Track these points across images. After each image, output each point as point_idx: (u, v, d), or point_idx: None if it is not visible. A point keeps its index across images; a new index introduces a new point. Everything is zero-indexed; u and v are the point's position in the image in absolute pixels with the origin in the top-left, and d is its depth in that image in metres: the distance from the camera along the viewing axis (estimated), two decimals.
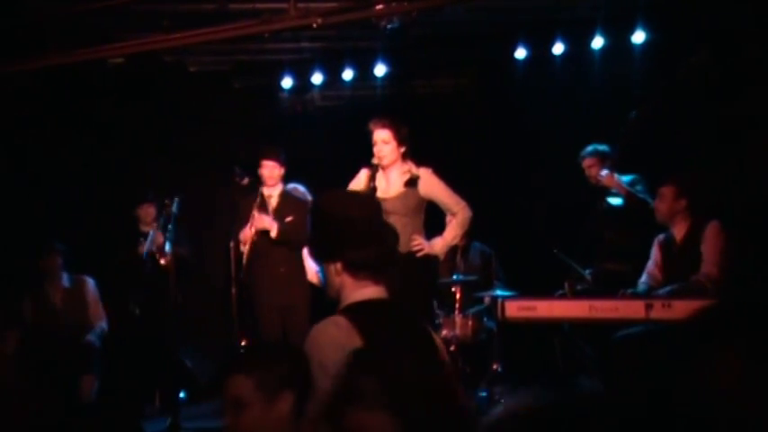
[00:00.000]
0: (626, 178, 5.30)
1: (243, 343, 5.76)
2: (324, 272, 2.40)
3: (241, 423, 2.06)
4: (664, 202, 4.71)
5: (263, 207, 5.44)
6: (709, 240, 4.55)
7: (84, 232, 6.15)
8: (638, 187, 5.23)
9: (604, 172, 5.25)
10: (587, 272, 5.40)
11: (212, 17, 5.09)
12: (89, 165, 6.46)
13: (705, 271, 4.48)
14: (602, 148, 5.41)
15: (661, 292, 4.53)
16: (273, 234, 5.30)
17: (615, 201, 5.35)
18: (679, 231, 4.70)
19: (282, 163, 5.47)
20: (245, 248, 5.38)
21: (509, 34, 6.15)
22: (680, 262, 4.65)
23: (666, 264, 4.74)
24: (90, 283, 5.96)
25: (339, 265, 2.32)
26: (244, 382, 2.07)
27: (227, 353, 5.95)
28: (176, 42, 5.10)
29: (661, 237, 4.83)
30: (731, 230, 4.61)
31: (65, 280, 5.89)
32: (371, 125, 4.64)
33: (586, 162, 5.44)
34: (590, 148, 5.45)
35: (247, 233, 5.36)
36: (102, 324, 5.87)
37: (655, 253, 4.82)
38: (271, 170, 5.44)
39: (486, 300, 5.68)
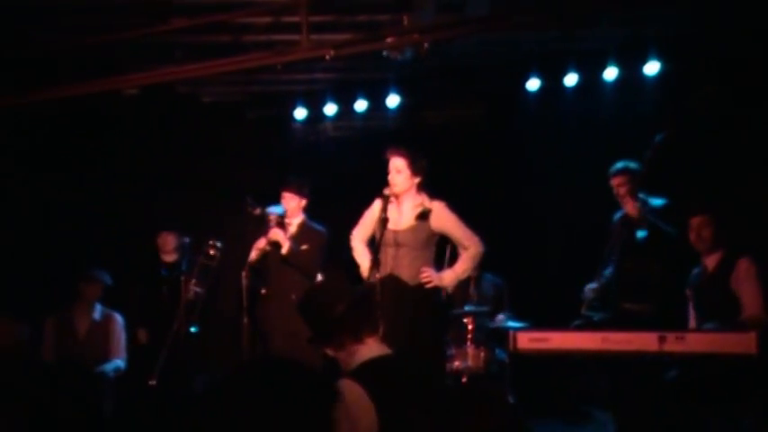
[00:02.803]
0: (657, 202, 5.09)
1: None
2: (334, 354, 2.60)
3: None
4: (693, 231, 4.65)
5: (282, 227, 5.46)
6: (744, 281, 4.43)
7: (102, 261, 6.16)
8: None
9: (631, 198, 5.00)
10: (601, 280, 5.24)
11: (226, 48, 5.14)
12: (102, 195, 6.50)
13: (749, 314, 4.37)
14: (633, 165, 5.08)
15: (705, 327, 4.45)
16: (284, 250, 5.30)
17: (643, 234, 5.04)
18: (711, 261, 4.63)
19: (302, 194, 5.49)
20: (253, 257, 5.41)
21: (521, 66, 6.16)
22: (709, 292, 4.59)
23: (695, 296, 4.68)
24: (118, 320, 5.93)
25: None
26: None
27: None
28: (190, 73, 5.15)
29: (692, 275, 4.77)
30: (761, 266, 4.52)
31: (96, 311, 5.88)
32: (388, 153, 4.63)
33: (616, 180, 5.13)
34: (620, 165, 5.13)
35: (260, 243, 5.41)
36: (119, 361, 5.85)
37: (690, 306, 4.76)
38: (288, 201, 5.47)
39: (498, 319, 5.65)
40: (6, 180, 6.06)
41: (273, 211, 5.55)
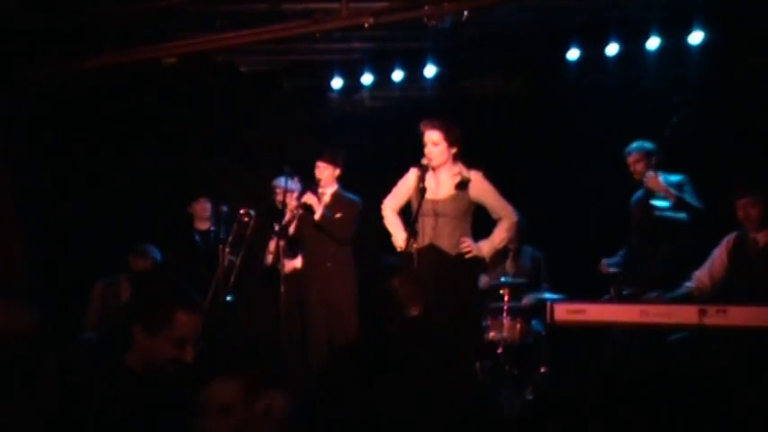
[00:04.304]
0: (673, 178, 5.21)
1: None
2: None
3: (226, 426, 1.96)
4: (740, 211, 4.62)
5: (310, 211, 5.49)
6: None
7: (138, 229, 6.24)
8: (687, 190, 5.11)
9: (650, 173, 5.17)
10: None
11: (265, 17, 5.12)
12: (141, 163, 6.57)
13: None
14: (648, 145, 5.32)
15: None
16: (317, 216, 5.32)
17: (661, 203, 5.22)
18: (763, 237, 4.63)
19: (336, 164, 5.49)
20: (290, 217, 5.45)
21: (562, 35, 6.06)
22: (759, 265, 4.55)
23: (737, 266, 4.62)
24: None
25: None
26: (230, 387, 1.98)
27: (274, 349, 5.98)
28: (228, 42, 5.16)
29: (731, 238, 4.72)
30: None
31: None
32: (422, 126, 4.63)
33: (632, 158, 5.37)
34: (635, 145, 5.38)
35: (292, 205, 5.45)
36: None
37: (718, 256, 4.70)
38: (322, 171, 5.48)
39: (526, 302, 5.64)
40: (46, 150, 6.14)
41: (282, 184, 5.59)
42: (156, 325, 2.35)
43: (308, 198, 5.37)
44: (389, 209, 4.84)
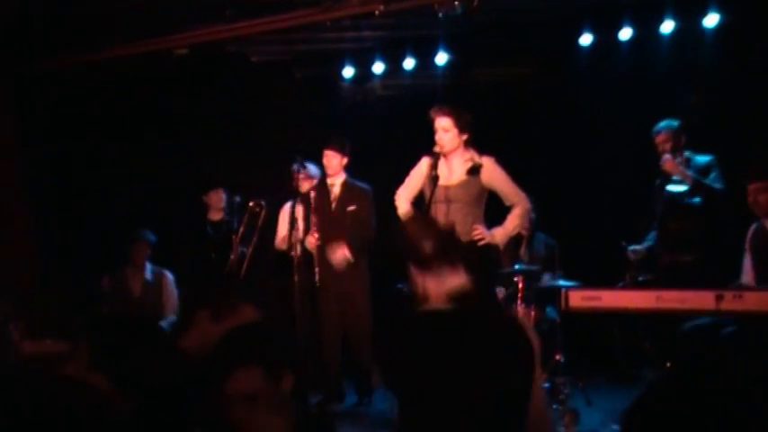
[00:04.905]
0: (701, 159, 5.12)
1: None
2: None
3: (254, 414, 1.97)
4: (750, 196, 4.57)
5: (326, 196, 5.47)
6: None
7: (150, 219, 6.27)
8: (713, 173, 5.04)
9: (667, 156, 5.09)
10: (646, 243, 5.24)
11: (275, 6, 5.12)
12: (152, 153, 6.58)
13: None
14: (675, 123, 5.18)
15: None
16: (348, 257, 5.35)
17: (677, 188, 5.15)
18: None
19: (344, 153, 5.48)
20: (312, 249, 5.43)
21: (574, 20, 6.01)
22: None
23: (756, 255, 4.58)
24: (169, 277, 6.08)
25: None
26: (253, 375, 1.98)
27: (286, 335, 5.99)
28: (239, 32, 5.17)
29: (750, 231, 4.68)
30: None
31: (147, 271, 6.02)
32: (432, 113, 4.62)
33: (660, 138, 5.22)
34: (663, 124, 5.24)
35: (312, 242, 5.40)
36: (173, 317, 5.97)
37: (746, 261, 4.67)
38: (330, 159, 5.46)
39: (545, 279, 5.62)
40: (58, 142, 6.17)
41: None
42: (224, 313, 2.46)
43: (332, 254, 5.35)
44: (403, 198, 4.83)
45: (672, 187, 5.16)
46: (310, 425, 2.18)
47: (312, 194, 5.48)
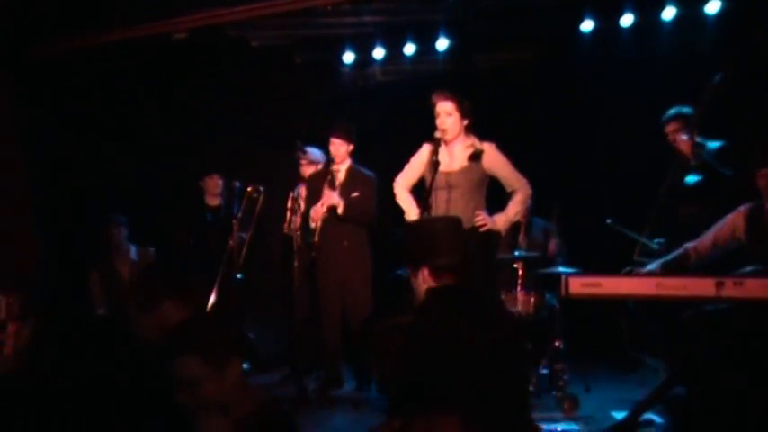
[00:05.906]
0: (713, 144, 5.04)
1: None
2: (412, 280, 2.76)
3: (196, 398, 2.12)
4: (761, 180, 4.52)
5: (332, 184, 5.46)
6: None
7: (149, 206, 6.26)
8: (725, 159, 4.97)
9: (684, 137, 5.00)
10: (656, 242, 5.22)
11: None
12: (152, 138, 6.56)
13: None
14: (686, 110, 5.11)
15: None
16: (340, 211, 5.32)
17: (694, 179, 5.07)
18: None
19: (350, 140, 5.47)
20: (315, 225, 5.40)
21: (575, 6, 5.98)
22: None
23: (753, 238, 4.55)
24: (153, 253, 6.08)
25: (426, 272, 2.70)
26: (191, 362, 2.13)
27: (287, 325, 6.00)
28: (239, 16, 5.13)
29: (746, 208, 4.64)
30: None
31: (132, 252, 6.02)
32: (434, 97, 4.60)
33: (670, 126, 5.16)
34: (673, 111, 5.17)
35: (319, 211, 5.39)
36: None
37: (731, 221, 4.61)
38: (337, 147, 5.46)
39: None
40: (57, 127, 6.14)
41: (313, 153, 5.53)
42: (188, 303, 2.53)
43: (328, 199, 5.34)
44: (401, 186, 4.82)
45: (690, 179, 5.09)
46: (272, 410, 2.28)
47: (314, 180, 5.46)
